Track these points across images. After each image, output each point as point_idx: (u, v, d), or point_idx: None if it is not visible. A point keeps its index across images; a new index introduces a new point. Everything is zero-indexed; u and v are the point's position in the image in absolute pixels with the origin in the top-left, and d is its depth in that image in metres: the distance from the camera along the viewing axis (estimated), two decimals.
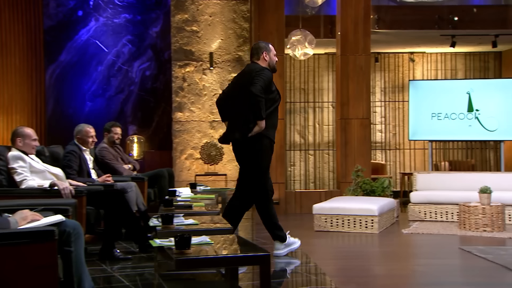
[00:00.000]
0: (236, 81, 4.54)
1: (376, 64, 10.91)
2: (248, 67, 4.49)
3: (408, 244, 5.98)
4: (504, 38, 9.26)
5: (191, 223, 3.70)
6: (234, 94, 4.45)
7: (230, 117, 4.48)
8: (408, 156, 10.91)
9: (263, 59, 4.49)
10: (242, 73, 4.53)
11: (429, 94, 9.01)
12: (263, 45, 4.53)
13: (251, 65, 4.50)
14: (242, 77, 4.45)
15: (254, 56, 4.53)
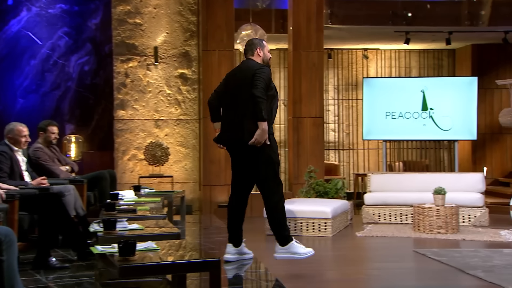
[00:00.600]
0: (231, 79, 4.62)
1: (329, 61, 11.10)
2: (245, 64, 4.62)
3: (362, 248, 6.12)
4: (457, 35, 9.64)
5: (136, 228, 3.67)
6: (230, 92, 4.53)
7: (227, 117, 4.55)
8: (362, 157, 11.16)
9: (257, 55, 4.65)
10: (238, 71, 4.62)
11: (383, 92, 9.25)
12: (256, 41, 4.69)
13: (247, 61, 4.64)
14: (239, 74, 4.55)
15: (248, 52, 4.69)
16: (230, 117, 4.55)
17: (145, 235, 3.46)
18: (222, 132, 4.62)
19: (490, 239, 6.24)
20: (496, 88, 10.21)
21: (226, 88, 4.65)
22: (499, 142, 10.67)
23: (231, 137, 4.52)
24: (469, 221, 7.38)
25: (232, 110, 4.52)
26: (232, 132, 4.50)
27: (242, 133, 4.41)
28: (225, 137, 4.58)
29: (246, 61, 4.66)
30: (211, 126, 8.56)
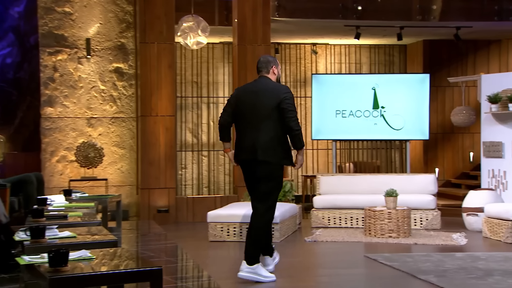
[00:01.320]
0: (247, 97, 4.88)
1: (276, 56, 11.18)
2: (263, 83, 4.90)
3: (311, 253, 6.22)
4: (409, 30, 9.93)
5: (67, 236, 3.59)
6: (248, 111, 4.83)
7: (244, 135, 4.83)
8: (311, 157, 11.31)
9: (272, 73, 4.97)
10: (255, 89, 4.88)
11: (333, 89, 9.42)
12: (272, 59, 5.02)
13: (264, 80, 4.93)
14: (259, 93, 4.82)
15: (263, 70, 4.97)
16: (247, 135, 4.82)
17: (78, 243, 3.40)
18: (239, 150, 4.88)
19: (442, 243, 6.47)
20: (448, 85, 10.58)
21: (241, 106, 4.89)
22: (451, 142, 11.07)
23: (250, 155, 4.79)
24: (421, 224, 7.62)
25: (250, 128, 4.81)
26: (251, 151, 4.78)
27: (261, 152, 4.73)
28: (244, 155, 4.84)
29: (263, 80, 4.94)
30: (152, 125, 8.52)
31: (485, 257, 5.63)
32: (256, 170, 4.79)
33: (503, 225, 6.59)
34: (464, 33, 10.02)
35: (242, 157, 4.87)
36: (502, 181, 7.89)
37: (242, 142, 4.86)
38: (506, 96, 7.74)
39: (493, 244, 6.51)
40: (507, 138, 7.86)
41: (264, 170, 4.77)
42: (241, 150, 4.86)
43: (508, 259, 5.50)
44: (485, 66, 11.03)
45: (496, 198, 7.33)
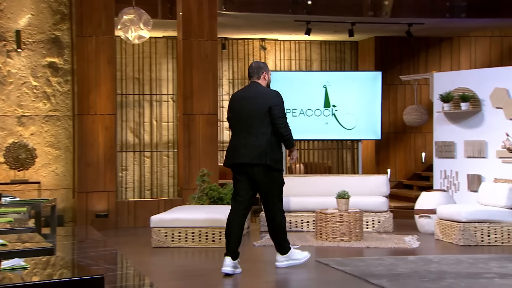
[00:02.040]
0: (239, 103, 5.35)
1: (223, 52, 11.18)
2: (254, 89, 5.38)
3: (260, 259, 6.24)
4: (360, 26, 10.11)
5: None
6: (241, 117, 5.31)
7: (239, 139, 5.29)
8: None
9: (263, 79, 5.44)
10: (247, 95, 5.36)
11: (283, 87, 9.45)
12: (262, 65, 5.50)
13: (255, 86, 5.40)
14: (250, 100, 5.31)
15: (254, 75, 5.43)
16: (242, 140, 5.28)
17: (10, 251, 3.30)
18: (233, 154, 5.32)
19: (395, 246, 6.61)
20: (400, 84, 10.83)
21: (235, 112, 5.39)
22: (403, 142, 11.33)
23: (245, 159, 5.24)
24: (373, 227, 7.76)
25: (244, 133, 5.27)
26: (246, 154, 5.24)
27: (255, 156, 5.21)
28: (239, 159, 5.27)
29: (254, 85, 5.41)
30: (90, 124, 8.35)
31: (438, 260, 5.78)
32: (254, 174, 5.26)
33: (455, 227, 6.79)
34: (416, 30, 10.28)
35: (237, 161, 5.28)
36: (454, 182, 8.13)
37: (237, 147, 5.30)
38: (458, 95, 7.97)
39: (445, 247, 6.70)
40: (459, 138, 8.10)
41: (262, 173, 5.25)
42: (236, 154, 5.29)
43: (460, 262, 5.67)
44: (437, 64, 11.34)
45: (448, 200, 7.55)
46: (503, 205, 6.80)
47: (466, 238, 6.71)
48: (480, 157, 7.89)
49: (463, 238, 6.71)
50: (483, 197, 7.07)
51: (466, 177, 8.00)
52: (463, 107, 7.93)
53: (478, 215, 6.79)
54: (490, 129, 7.77)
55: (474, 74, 8.22)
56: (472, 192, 7.78)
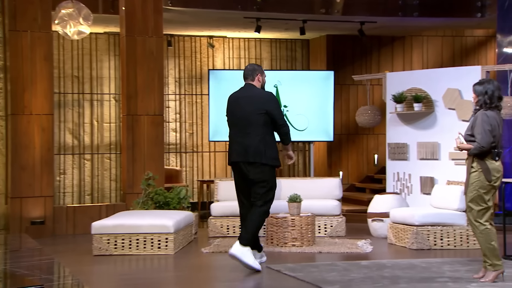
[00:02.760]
0: (236, 104, 5.87)
1: (169, 49, 11.12)
2: (248, 90, 5.90)
3: (209, 266, 6.23)
4: (312, 24, 10.21)
5: None
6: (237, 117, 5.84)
7: (236, 139, 5.83)
8: (208, 161, 11.33)
9: (257, 81, 5.95)
10: (242, 96, 5.88)
11: (232, 86, 9.38)
12: (257, 67, 5.99)
13: (250, 87, 5.91)
14: (246, 101, 5.82)
15: (249, 77, 5.95)
16: (238, 139, 5.82)
17: None
18: (231, 153, 5.85)
19: (348, 251, 6.70)
20: (352, 84, 10.98)
21: (231, 113, 5.93)
22: (355, 144, 11.50)
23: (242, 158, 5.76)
24: (325, 232, 7.84)
25: (240, 133, 5.81)
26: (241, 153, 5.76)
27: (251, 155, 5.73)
28: (236, 158, 5.80)
29: (248, 87, 5.93)
30: (25, 125, 8.15)
31: (391, 264, 5.89)
32: (248, 172, 5.74)
33: (408, 230, 6.93)
34: (368, 29, 10.45)
35: (234, 159, 5.81)
36: (407, 184, 8.30)
37: (234, 146, 5.83)
38: (411, 95, 8.15)
39: (398, 251, 6.83)
40: (412, 139, 8.27)
41: (256, 172, 5.73)
42: (234, 154, 5.82)
43: (414, 266, 5.79)
44: (389, 64, 11.57)
45: (401, 203, 7.70)
46: (456, 208, 6.98)
47: (419, 242, 6.85)
48: (433, 159, 8.08)
49: (416, 242, 6.85)
50: (436, 200, 7.24)
51: (419, 180, 8.17)
52: (416, 108, 8.11)
53: (431, 218, 6.95)
54: (443, 131, 7.96)
55: (427, 74, 8.41)
56: (425, 195, 7.95)
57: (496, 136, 5.09)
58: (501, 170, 5.13)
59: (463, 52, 11.88)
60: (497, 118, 5.12)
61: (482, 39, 11.92)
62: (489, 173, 5.07)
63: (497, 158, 5.11)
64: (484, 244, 5.07)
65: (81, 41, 10.33)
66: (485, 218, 5.09)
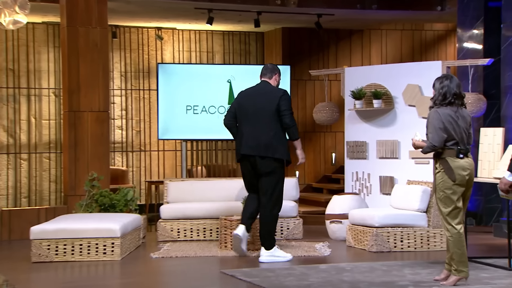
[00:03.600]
0: (249, 98, 6.48)
1: (114, 41, 11.02)
2: (264, 87, 6.54)
3: (158, 272, 6.19)
4: (267, 16, 10.25)
5: None
6: (251, 111, 6.39)
7: (247, 133, 6.36)
8: (156, 160, 11.27)
9: (274, 80, 6.58)
10: (257, 92, 6.50)
11: (183, 81, 9.45)
12: (277, 68, 6.67)
13: (265, 84, 6.56)
14: (261, 96, 6.42)
15: (266, 75, 6.60)
16: (251, 133, 6.34)
17: None
18: (242, 147, 6.36)
19: (305, 254, 6.76)
20: (309, 79, 11.09)
21: (244, 108, 6.46)
22: (312, 142, 11.59)
23: (254, 152, 6.29)
24: (282, 234, 7.89)
25: (252, 128, 6.34)
26: (255, 148, 6.30)
27: (263, 149, 6.27)
28: (247, 151, 6.33)
29: (264, 84, 6.57)
30: None
31: (350, 268, 5.97)
32: (259, 166, 6.28)
33: (367, 232, 7.03)
34: (325, 21, 10.56)
35: (245, 153, 6.32)
36: (366, 184, 8.41)
37: (246, 141, 6.34)
38: (371, 91, 8.26)
39: (357, 254, 6.93)
40: (372, 137, 8.38)
41: (267, 166, 6.27)
42: (245, 147, 6.32)
43: (374, 270, 5.88)
44: (347, 58, 11.71)
45: (360, 203, 7.80)
46: (416, 208, 7.11)
47: (379, 244, 6.96)
48: (393, 157, 8.21)
49: (376, 244, 6.96)
50: (396, 201, 7.37)
51: (378, 179, 8.30)
52: (375, 104, 8.22)
53: (391, 220, 7.06)
54: (403, 128, 8.09)
55: (387, 70, 8.55)
56: (385, 195, 8.08)
57: (456, 133, 5.16)
58: (469, 168, 5.19)
59: (423, 47, 12.12)
60: (452, 114, 5.18)
61: (442, 33, 12.18)
62: (452, 172, 5.14)
63: (461, 156, 5.18)
64: (453, 248, 5.16)
65: (16, 31, 10.15)
66: (457, 221, 5.16)
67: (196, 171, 10.39)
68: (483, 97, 8.12)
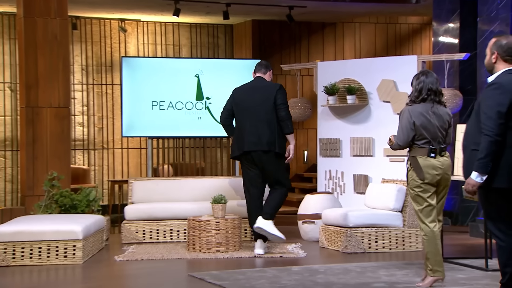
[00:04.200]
0: (246, 94, 6.88)
1: (75, 33, 10.94)
2: (260, 83, 6.95)
3: (123, 275, 6.19)
4: (236, 8, 10.25)
5: None
6: (247, 106, 6.81)
7: (244, 127, 6.76)
8: (120, 158, 11.21)
9: (268, 75, 7.01)
10: (253, 87, 6.92)
11: (149, 75, 9.40)
12: (269, 65, 7.11)
13: (261, 81, 6.97)
14: (258, 91, 6.84)
15: (261, 70, 7.00)
16: (252, 129, 6.73)
17: None
18: (243, 143, 6.74)
19: (277, 256, 6.78)
20: (280, 74, 11.11)
21: (242, 103, 6.85)
22: None
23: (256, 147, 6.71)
24: (252, 235, 7.89)
25: (251, 123, 6.73)
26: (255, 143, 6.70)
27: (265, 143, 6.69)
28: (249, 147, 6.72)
29: (260, 80, 6.98)
30: None
31: (324, 270, 6.01)
32: (263, 160, 6.72)
33: (341, 233, 7.08)
34: (297, 14, 10.59)
35: (249, 149, 6.69)
36: (340, 183, 8.47)
37: (248, 137, 6.71)
38: (344, 87, 8.31)
39: (331, 255, 6.98)
40: (345, 135, 8.43)
41: (270, 159, 6.73)
42: (248, 143, 6.70)
43: (348, 271, 5.92)
44: (319, 52, 11.77)
45: (334, 203, 7.85)
46: (392, 207, 7.17)
47: (353, 245, 7.01)
48: (367, 155, 8.27)
49: (350, 245, 7.01)
50: (371, 200, 7.43)
51: (352, 178, 8.35)
52: (349, 100, 8.27)
53: (365, 220, 7.11)
54: (378, 125, 8.16)
55: (361, 64, 8.60)
56: (359, 194, 8.14)
57: (428, 132, 5.23)
58: (441, 167, 5.26)
59: (397, 41, 12.24)
60: (424, 112, 5.25)
61: (417, 27, 12.31)
62: (421, 171, 5.22)
63: (432, 155, 5.25)
64: (428, 247, 5.23)
65: None
66: (430, 219, 5.24)
67: (163, 170, 10.35)
68: (459, 93, 8.23)
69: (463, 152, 4.56)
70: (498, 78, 4.38)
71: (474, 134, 4.39)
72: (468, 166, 4.41)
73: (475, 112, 4.43)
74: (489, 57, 4.47)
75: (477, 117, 4.38)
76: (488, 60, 4.49)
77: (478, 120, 4.36)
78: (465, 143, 4.51)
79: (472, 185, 4.33)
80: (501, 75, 4.38)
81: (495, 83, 4.36)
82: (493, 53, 4.44)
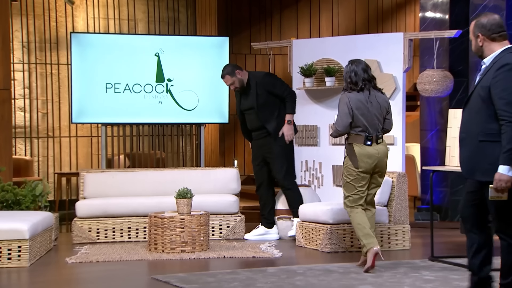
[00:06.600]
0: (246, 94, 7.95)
1: (14, 5, 10.79)
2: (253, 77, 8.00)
3: (76, 279, 6.18)
4: None
5: None
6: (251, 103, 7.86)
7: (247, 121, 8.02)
8: (68, 148, 11.13)
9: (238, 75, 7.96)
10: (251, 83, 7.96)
11: (100, 54, 9.33)
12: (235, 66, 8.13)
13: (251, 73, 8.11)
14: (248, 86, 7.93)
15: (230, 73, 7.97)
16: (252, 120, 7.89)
17: None
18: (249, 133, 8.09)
19: (250, 256, 6.84)
20: (250, 53, 11.15)
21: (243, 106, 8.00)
22: None
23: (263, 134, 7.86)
24: (221, 233, 7.95)
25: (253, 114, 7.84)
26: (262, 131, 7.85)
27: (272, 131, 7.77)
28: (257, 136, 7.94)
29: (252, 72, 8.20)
30: None
31: (303, 271, 6.08)
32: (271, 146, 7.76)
33: (320, 230, 7.15)
34: None
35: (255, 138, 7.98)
36: (318, 175, 8.54)
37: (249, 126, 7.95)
38: (322, 67, 8.37)
39: (310, 254, 7.05)
40: (324, 121, 8.50)
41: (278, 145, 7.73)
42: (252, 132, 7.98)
43: (330, 272, 6.00)
44: (293, 29, 11.82)
45: (312, 197, 7.93)
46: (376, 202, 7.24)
47: (334, 244, 7.08)
48: None
49: (330, 243, 7.08)
50: None
51: (331, 169, 8.43)
52: (328, 82, 8.33)
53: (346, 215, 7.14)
54: None
55: (341, 42, 8.66)
56: (339, 187, 8.20)
57: (365, 119, 5.93)
58: (376, 155, 5.97)
59: (379, 16, 12.36)
60: (362, 99, 5.99)
61: (401, 1, 12.45)
62: (356, 159, 5.99)
63: (369, 143, 5.94)
64: (355, 224, 6.13)
65: None
66: (355, 204, 6.19)
67: (118, 161, 10.31)
68: (450, 74, 8.36)
69: (462, 144, 4.53)
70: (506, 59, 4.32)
71: (480, 123, 4.36)
72: (476, 160, 4.40)
73: (479, 98, 4.39)
74: (475, 41, 4.50)
75: (484, 103, 4.35)
76: (475, 45, 4.52)
77: (486, 106, 4.34)
78: (465, 135, 4.49)
79: (505, 181, 4.23)
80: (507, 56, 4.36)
81: (508, 63, 4.30)
82: (477, 36, 4.47)
